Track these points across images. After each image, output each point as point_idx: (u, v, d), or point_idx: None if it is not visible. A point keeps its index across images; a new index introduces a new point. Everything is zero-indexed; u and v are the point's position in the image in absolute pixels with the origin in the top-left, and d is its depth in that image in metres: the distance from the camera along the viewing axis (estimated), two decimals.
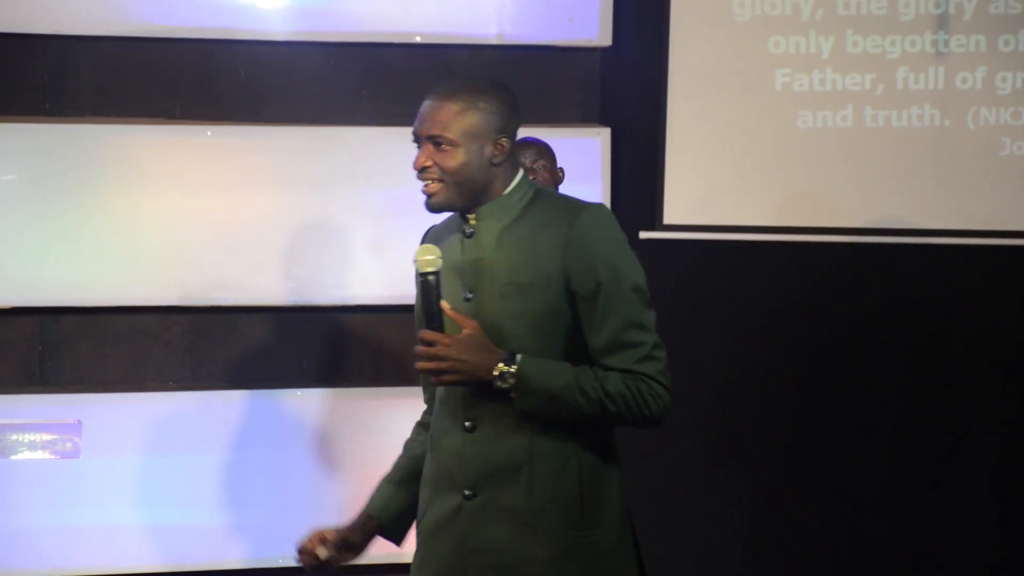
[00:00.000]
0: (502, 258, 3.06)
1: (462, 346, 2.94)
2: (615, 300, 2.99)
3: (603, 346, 3.00)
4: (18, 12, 5.65)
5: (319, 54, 5.91)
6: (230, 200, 5.80)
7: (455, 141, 3.03)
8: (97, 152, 5.72)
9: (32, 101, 5.74)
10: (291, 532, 5.80)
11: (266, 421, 5.76)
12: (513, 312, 3.03)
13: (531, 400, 2.97)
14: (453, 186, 3.07)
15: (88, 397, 5.55)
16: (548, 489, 3.02)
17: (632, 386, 2.98)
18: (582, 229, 3.00)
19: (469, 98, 3.05)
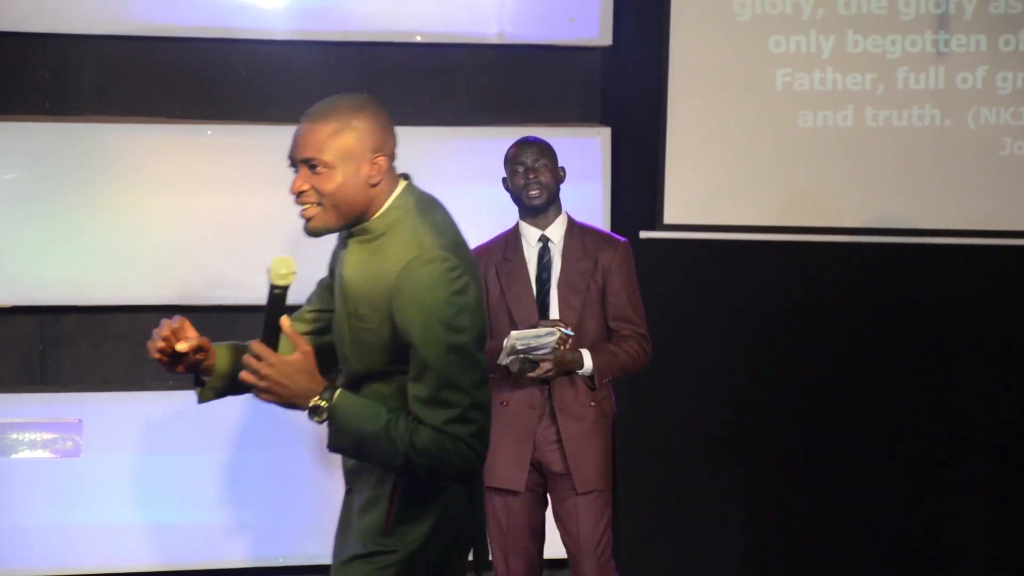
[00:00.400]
0: (354, 283, 3.02)
1: (287, 369, 2.88)
2: (430, 358, 2.91)
3: (417, 398, 2.93)
4: (19, 11, 5.66)
5: (319, 53, 5.91)
6: (230, 199, 5.81)
7: (330, 163, 2.97)
8: (98, 151, 5.73)
9: (33, 100, 5.76)
10: (291, 531, 5.87)
11: (265, 420, 5.76)
12: (356, 339, 3.02)
13: (342, 439, 2.94)
14: (331, 209, 2.99)
15: (88, 396, 5.56)
16: (369, 494, 3.08)
17: (440, 444, 2.90)
18: (406, 282, 2.92)
19: (342, 118, 2.99)
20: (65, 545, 5.56)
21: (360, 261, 3.01)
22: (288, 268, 2.91)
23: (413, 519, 3.02)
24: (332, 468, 5.82)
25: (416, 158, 5.94)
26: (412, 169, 5.82)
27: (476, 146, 5.86)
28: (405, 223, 3.02)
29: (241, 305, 5.79)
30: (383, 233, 3.00)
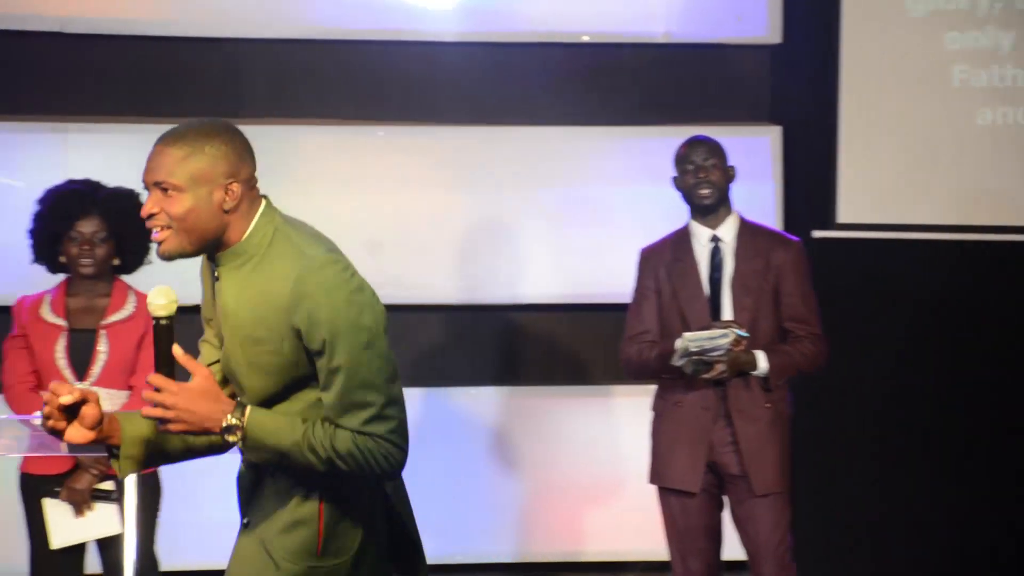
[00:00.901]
0: (241, 309, 2.93)
1: (190, 395, 2.82)
2: (339, 361, 2.84)
3: (332, 406, 2.87)
4: (195, 15, 5.79)
5: (489, 54, 5.95)
6: (402, 200, 5.88)
7: (180, 186, 2.88)
8: (270, 153, 5.82)
9: (207, 103, 5.87)
10: (466, 530, 5.93)
11: (440, 418, 5.82)
12: (255, 364, 2.92)
13: (261, 454, 2.89)
14: (182, 233, 2.89)
15: None
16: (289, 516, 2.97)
17: (363, 446, 2.85)
18: (303, 291, 2.85)
19: (194, 142, 2.91)
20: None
21: (241, 287, 2.93)
22: (168, 298, 2.84)
23: (344, 532, 2.98)
24: (506, 466, 5.88)
25: (583, 159, 6.04)
26: (580, 170, 5.93)
27: (644, 146, 5.87)
28: (279, 239, 2.95)
29: (415, 304, 5.86)
30: (257, 254, 2.93)
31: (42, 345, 4.58)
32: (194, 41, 5.84)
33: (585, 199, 5.95)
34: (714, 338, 4.45)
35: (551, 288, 5.88)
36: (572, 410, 5.91)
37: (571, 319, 5.87)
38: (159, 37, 5.82)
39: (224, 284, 2.94)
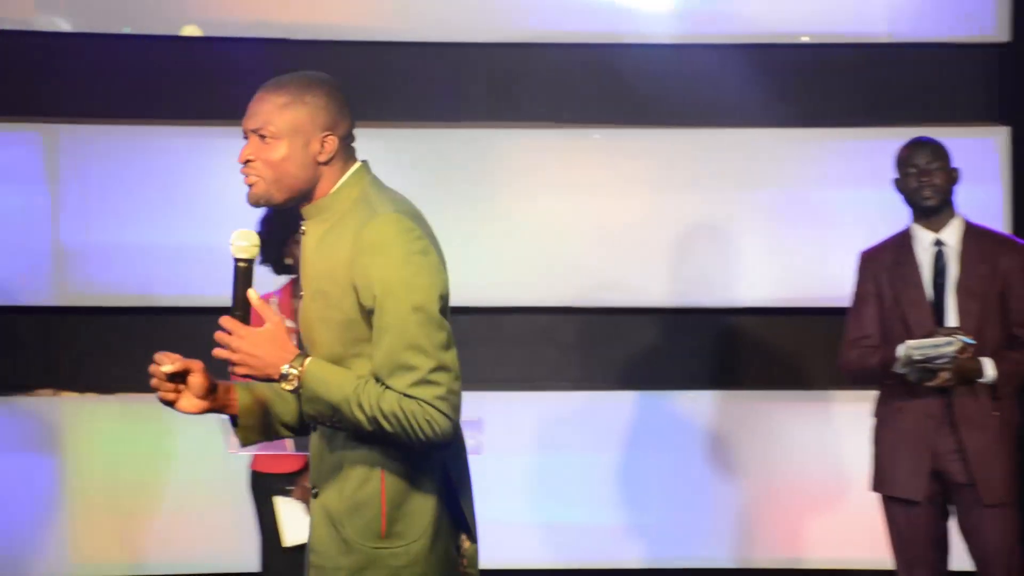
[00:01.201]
0: (317, 262, 2.96)
1: (257, 340, 2.86)
2: (390, 319, 2.83)
3: (379, 365, 2.85)
4: (419, 21, 5.88)
5: (706, 56, 5.92)
6: (618, 202, 5.88)
7: (277, 134, 2.92)
8: (489, 156, 5.90)
9: (431, 107, 5.96)
10: (685, 534, 5.90)
11: (657, 422, 5.81)
12: (322, 318, 2.94)
13: (314, 405, 2.89)
14: (273, 181, 2.94)
15: (488, 395, 5.71)
16: (353, 496, 2.95)
17: (407, 409, 2.82)
18: (363, 244, 2.86)
19: (296, 92, 2.95)
20: None
21: (319, 240, 2.96)
22: (250, 240, 2.91)
23: (410, 515, 2.94)
24: (725, 471, 5.83)
25: (802, 160, 5.96)
26: (798, 172, 5.85)
27: (864, 147, 5.77)
28: (362, 200, 2.96)
29: (630, 307, 5.86)
30: (340, 211, 2.96)
31: None
32: (418, 46, 5.92)
33: (804, 201, 5.88)
34: (939, 346, 4.36)
35: (768, 291, 5.82)
36: (791, 415, 5.84)
37: (789, 323, 5.80)
38: (390, 43, 5.91)
39: (307, 238, 2.99)
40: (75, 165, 5.77)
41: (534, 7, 5.91)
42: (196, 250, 5.71)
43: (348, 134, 3.01)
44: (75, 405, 5.77)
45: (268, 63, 5.78)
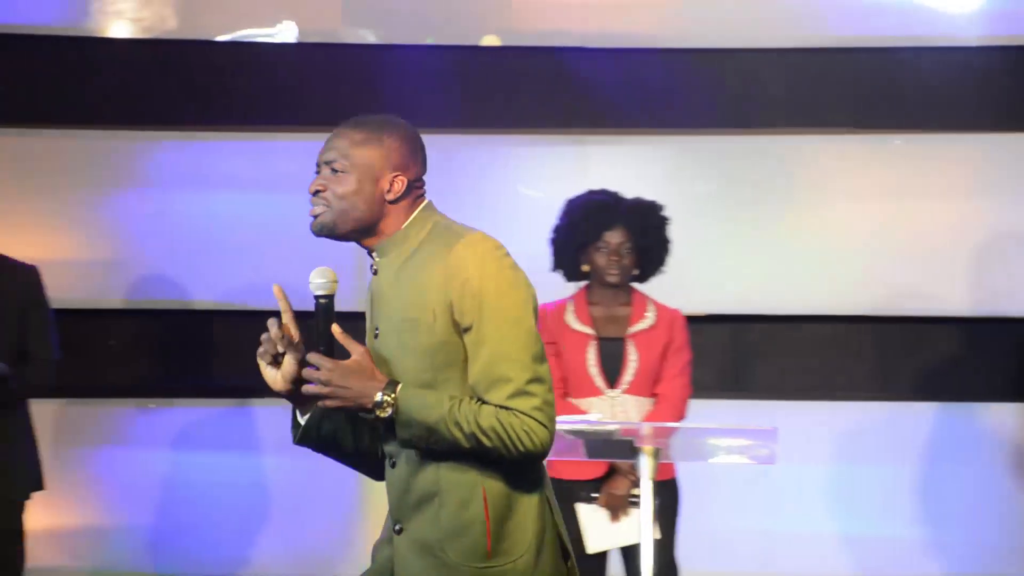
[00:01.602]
0: (397, 293, 3.00)
1: (345, 371, 2.91)
2: (486, 333, 2.90)
3: (477, 380, 2.92)
4: (714, 27, 5.85)
5: (1012, 58, 5.72)
6: (916, 208, 5.76)
7: (348, 168, 3.00)
8: (786, 162, 5.83)
9: (727, 113, 5.93)
10: (987, 551, 5.72)
11: (958, 435, 5.65)
12: (409, 346, 2.97)
13: (410, 430, 2.92)
14: (338, 212, 3.00)
15: (782, 404, 5.65)
16: (454, 520, 2.96)
17: (505, 422, 2.88)
18: (457, 261, 2.92)
19: (374, 131, 3.03)
20: (759, 549, 5.70)
21: (397, 272, 3.02)
22: (327, 277, 2.96)
23: (513, 531, 2.96)
24: None
25: None
26: None
27: None
28: (437, 230, 3.03)
29: (930, 316, 5.73)
30: (415, 242, 3.03)
31: (572, 353, 4.74)
32: (713, 52, 5.91)
33: None
34: None
35: None
36: None
37: None
38: (682, 50, 5.92)
39: (381, 274, 3.04)
40: None
41: (832, 11, 5.81)
42: None
43: (418, 178, 3.08)
44: None
45: (565, 72, 5.89)
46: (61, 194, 5.84)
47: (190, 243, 5.83)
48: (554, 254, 4.87)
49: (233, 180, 5.88)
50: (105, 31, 5.94)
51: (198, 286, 5.84)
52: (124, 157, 5.89)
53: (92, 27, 5.92)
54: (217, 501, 5.68)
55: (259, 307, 5.74)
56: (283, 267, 5.73)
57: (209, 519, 5.78)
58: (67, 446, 5.75)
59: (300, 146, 5.83)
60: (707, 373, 5.81)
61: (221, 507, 5.77)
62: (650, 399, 4.71)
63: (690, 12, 5.94)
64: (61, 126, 5.85)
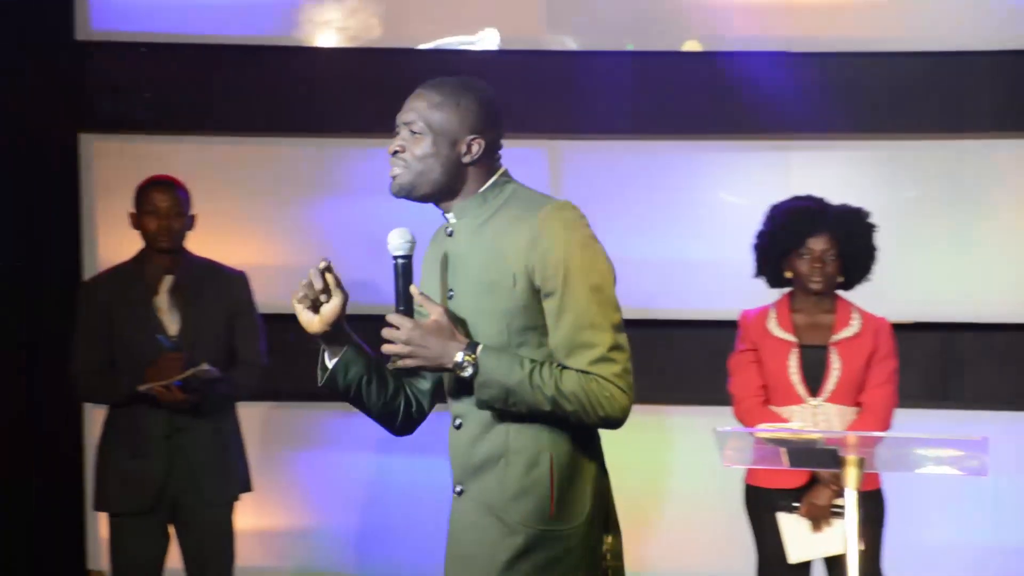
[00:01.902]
0: (475, 256, 3.06)
1: (425, 332, 2.96)
2: (570, 300, 2.96)
3: (558, 345, 2.98)
4: (927, 31, 5.73)
5: None
6: None
7: (424, 130, 3.06)
8: (995, 167, 5.70)
9: (927, 117, 5.81)
10: None
11: None
12: (486, 309, 3.02)
13: (489, 391, 2.97)
14: (415, 174, 3.07)
15: (994, 415, 5.51)
16: (519, 482, 3.01)
17: (586, 386, 2.95)
18: (541, 227, 2.96)
19: (451, 93, 3.07)
20: (968, 563, 5.58)
21: (475, 235, 3.07)
22: (404, 238, 3.01)
23: (574, 497, 3.03)
24: None
25: None
26: None
27: None
28: (516, 194, 3.08)
29: None
30: (495, 205, 3.07)
31: (774, 360, 4.68)
32: (916, 56, 5.79)
33: None
34: None
35: None
36: None
37: None
38: (894, 53, 5.83)
39: (457, 236, 3.09)
40: (578, 180, 5.95)
41: None
42: (699, 264, 5.78)
43: (495, 141, 3.12)
44: None
45: (768, 77, 5.82)
46: (271, 200, 5.98)
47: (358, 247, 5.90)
48: (757, 260, 4.82)
49: None
50: (313, 40, 6.05)
51: None
52: (332, 164, 6.00)
53: (301, 37, 6.04)
54: (420, 505, 5.74)
55: None
56: None
57: (412, 522, 5.84)
58: (275, 448, 5.88)
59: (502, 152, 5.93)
60: (914, 382, 5.68)
61: (424, 511, 5.83)
62: (853, 408, 4.63)
63: (896, 16, 5.82)
64: (271, 134, 6.00)
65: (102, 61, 5.97)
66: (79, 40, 5.94)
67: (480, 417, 3.05)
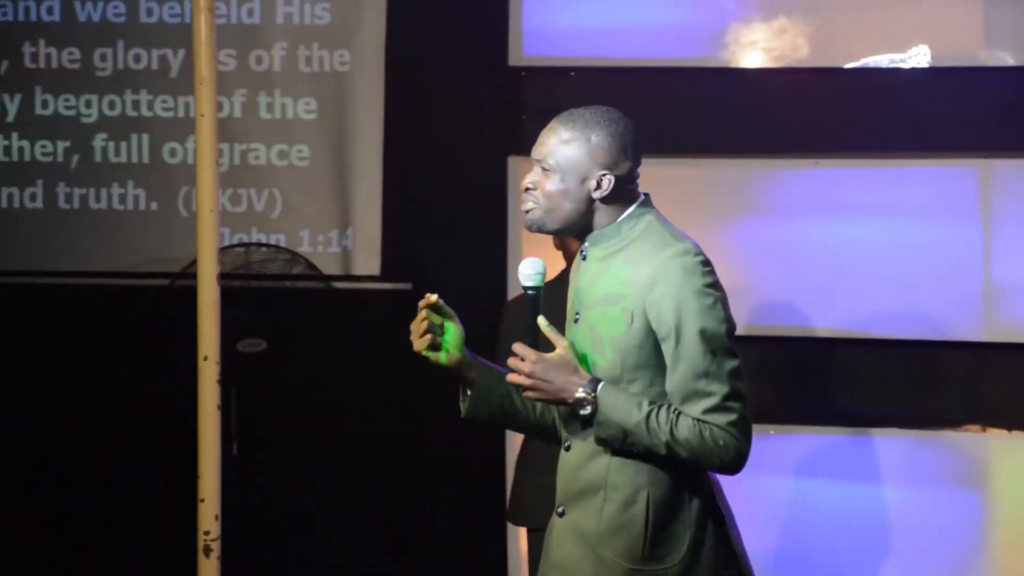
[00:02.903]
0: (600, 286, 3.09)
1: (549, 365, 3.01)
2: (686, 348, 2.97)
3: (674, 391, 3.00)
4: None
5: None
6: None
7: (554, 168, 3.07)
8: None
9: None
10: None
11: None
12: (605, 339, 3.05)
13: (607, 430, 3.00)
14: (546, 210, 3.10)
15: None
16: (616, 518, 3.04)
17: (701, 434, 2.95)
18: (661, 271, 2.99)
19: (582, 130, 3.07)
20: None
21: (603, 266, 3.09)
22: (536, 269, 3.07)
23: (669, 538, 3.03)
24: None
25: None
26: None
27: None
28: (650, 230, 3.09)
29: None
30: (627, 239, 3.09)
31: None
32: None
33: None
34: None
35: None
36: None
37: None
38: None
39: (588, 264, 3.14)
40: (1013, 200, 5.72)
41: None
42: None
43: (630, 173, 3.12)
44: (1002, 443, 5.71)
45: None
46: (691, 222, 5.99)
47: (813, 270, 5.84)
48: None
49: (858, 207, 5.83)
50: (739, 62, 6.05)
51: (821, 314, 5.84)
52: (750, 185, 5.98)
53: (726, 58, 6.04)
54: (833, 531, 5.65)
55: (883, 335, 5.73)
56: (908, 295, 5.71)
57: (825, 548, 5.75)
58: None
59: (927, 172, 5.77)
60: None
61: (837, 537, 5.73)
62: None
63: None
64: (692, 155, 6.03)
65: (532, 86, 6.15)
66: (512, 66, 6.14)
67: (587, 443, 3.10)
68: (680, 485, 3.08)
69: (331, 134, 6.25)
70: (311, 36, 6.25)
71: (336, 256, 6.23)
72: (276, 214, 6.29)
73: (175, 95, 6.31)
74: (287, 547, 6.25)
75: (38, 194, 6.36)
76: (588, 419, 3.04)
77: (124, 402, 6.24)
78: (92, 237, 6.32)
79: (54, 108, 6.37)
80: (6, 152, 6.37)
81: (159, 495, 6.17)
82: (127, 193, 6.32)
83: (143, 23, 6.31)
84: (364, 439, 6.20)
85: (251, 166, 6.29)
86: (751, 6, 5.97)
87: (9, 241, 6.33)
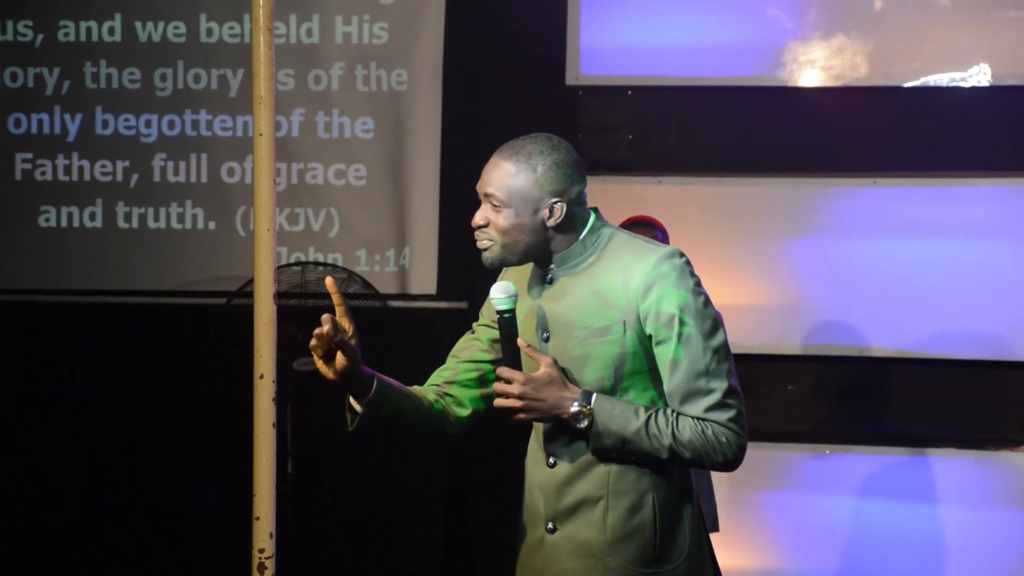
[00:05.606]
0: (578, 304, 3.06)
1: (538, 384, 2.99)
2: (687, 348, 2.98)
3: (673, 392, 3.00)
4: None
5: None
6: None
7: (505, 202, 3.04)
8: None
9: None
10: None
11: None
12: (593, 356, 3.04)
13: (605, 440, 3.00)
14: (503, 246, 3.08)
15: None
16: (623, 526, 3.04)
17: (703, 433, 2.97)
18: (655, 275, 2.99)
19: (526, 161, 3.05)
20: None
21: (578, 284, 3.07)
22: (507, 292, 3.04)
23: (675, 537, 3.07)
24: None
25: None
26: None
27: None
28: (616, 240, 3.10)
29: None
30: (595, 253, 3.09)
31: None
32: None
33: None
34: None
35: None
36: None
37: None
38: None
39: (558, 285, 3.11)
40: None
41: None
42: None
43: (579, 196, 3.10)
44: None
45: None
46: (747, 241, 5.98)
47: (870, 290, 5.81)
48: None
49: (916, 226, 5.81)
50: (797, 80, 6.02)
51: (877, 333, 5.80)
52: (808, 203, 5.95)
53: (784, 77, 6.02)
54: (890, 551, 5.61)
55: (941, 355, 5.68)
56: (966, 315, 5.66)
57: (882, 568, 5.71)
58: (743, 489, 5.86)
59: (986, 191, 5.72)
60: None
61: (894, 557, 5.69)
62: None
63: None
64: (750, 174, 6.00)
65: (589, 105, 6.15)
66: (569, 85, 6.15)
67: (577, 457, 3.08)
68: (679, 484, 3.11)
69: (388, 153, 6.27)
70: (369, 55, 6.28)
71: (392, 275, 6.25)
72: (333, 233, 6.31)
73: (234, 115, 6.35)
74: (340, 564, 6.27)
75: (97, 213, 6.42)
76: (582, 432, 3.04)
77: (180, 420, 6.28)
78: (151, 256, 6.37)
79: (114, 128, 6.43)
80: (66, 171, 6.44)
81: (214, 512, 6.20)
82: (185, 212, 6.37)
83: (203, 43, 6.37)
84: (419, 457, 6.20)
85: (308, 185, 6.32)
86: (809, 24, 5.95)
87: (69, 260, 6.39)
